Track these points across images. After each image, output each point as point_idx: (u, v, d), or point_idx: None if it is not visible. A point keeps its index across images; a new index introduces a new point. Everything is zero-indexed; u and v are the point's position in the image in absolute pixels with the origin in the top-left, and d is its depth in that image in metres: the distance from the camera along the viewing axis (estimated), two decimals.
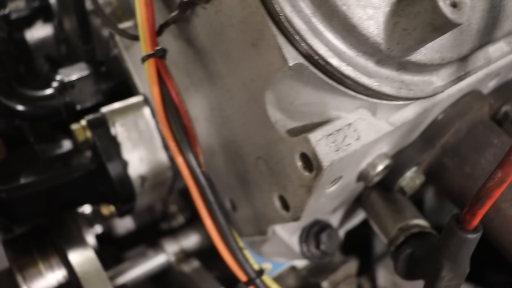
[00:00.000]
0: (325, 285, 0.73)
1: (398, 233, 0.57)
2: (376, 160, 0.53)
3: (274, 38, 0.43)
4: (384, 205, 0.62)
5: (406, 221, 0.58)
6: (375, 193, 0.63)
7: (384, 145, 0.53)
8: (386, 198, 0.62)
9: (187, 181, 0.52)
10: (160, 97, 0.51)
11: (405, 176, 0.58)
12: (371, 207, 0.63)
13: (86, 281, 0.59)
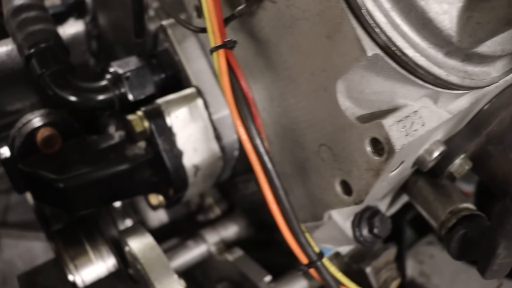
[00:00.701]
0: (368, 270, 0.78)
1: (449, 216, 0.63)
2: (433, 146, 0.59)
3: (353, 31, 0.48)
4: (432, 190, 0.67)
5: (455, 205, 0.64)
6: (421, 180, 0.69)
7: (440, 132, 0.59)
8: (433, 184, 0.67)
9: (255, 167, 0.56)
10: (230, 87, 0.55)
11: (454, 162, 0.63)
12: (418, 193, 0.68)
13: (149, 267, 0.62)
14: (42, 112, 0.72)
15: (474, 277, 1.00)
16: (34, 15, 0.73)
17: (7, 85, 0.77)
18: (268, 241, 0.91)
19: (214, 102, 0.73)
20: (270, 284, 0.77)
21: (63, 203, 0.70)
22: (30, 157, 0.70)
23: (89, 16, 1.01)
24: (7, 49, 0.81)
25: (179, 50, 0.72)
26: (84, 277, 0.75)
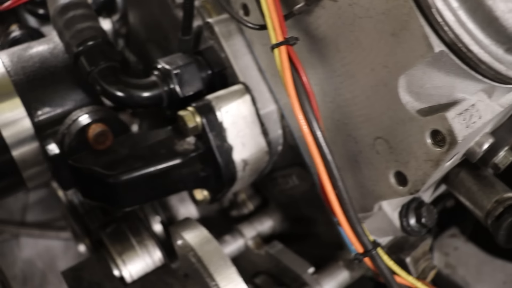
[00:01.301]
0: (408, 260, 0.82)
1: (495, 205, 0.67)
2: (482, 138, 0.62)
3: (421, 28, 0.51)
4: (475, 181, 0.71)
5: (500, 195, 0.68)
6: (463, 171, 0.73)
7: (490, 125, 0.62)
8: (476, 175, 0.71)
9: (316, 159, 0.59)
10: (292, 82, 0.58)
11: (499, 154, 0.67)
12: (461, 184, 0.72)
13: (207, 260, 0.65)
14: (90, 109, 0.74)
15: (498, 269, 1.05)
16: (81, 13, 0.75)
17: (51, 82, 0.79)
18: (303, 235, 0.94)
19: (261, 98, 0.76)
20: (313, 275, 0.81)
21: (113, 199, 0.73)
22: (80, 153, 0.72)
23: (118, 15, 1.03)
24: (48, 47, 0.83)
25: (226, 47, 0.75)
26: (132, 272, 0.77)
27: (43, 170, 0.82)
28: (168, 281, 0.75)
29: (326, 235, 0.86)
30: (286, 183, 0.86)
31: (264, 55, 0.74)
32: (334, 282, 0.81)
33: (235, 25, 0.76)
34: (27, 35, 0.97)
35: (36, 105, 0.78)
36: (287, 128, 0.78)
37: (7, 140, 0.76)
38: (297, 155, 0.79)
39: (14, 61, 0.80)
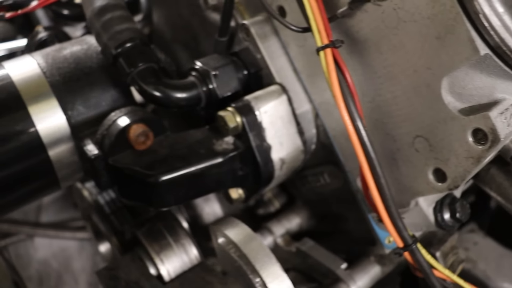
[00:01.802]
0: (438, 254, 0.86)
1: None
2: None
3: (467, 32, 0.55)
4: (506, 177, 0.75)
5: None
6: (494, 168, 0.77)
7: None
8: (507, 172, 0.76)
9: (360, 157, 0.63)
10: (338, 84, 0.62)
11: None
12: (492, 180, 0.77)
13: (253, 257, 0.69)
14: (129, 110, 0.77)
15: None
16: (119, 14, 0.78)
17: (86, 83, 0.82)
18: (330, 232, 0.98)
19: (296, 98, 0.79)
20: (346, 270, 0.85)
21: (152, 199, 0.76)
22: (120, 153, 0.76)
23: (142, 15, 1.06)
24: (82, 48, 0.86)
25: (262, 48, 0.78)
26: (170, 270, 0.80)
27: (76, 170, 0.85)
28: (207, 279, 0.78)
29: (356, 231, 0.90)
30: (317, 181, 0.90)
31: (299, 56, 0.78)
32: (367, 277, 0.85)
33: (270, 27, 0.80)
34: (54, 36, 1.00)
35: (72, 106, 0.81)
36: (321, 127, 0.82)
37: (44, 140, 0.79)
38: (330, 154, 0.83)
39: (49, 62, 0.83)
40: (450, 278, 0.71)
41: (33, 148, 0.78)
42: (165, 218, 0.85)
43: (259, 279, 0.70)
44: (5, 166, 0.77)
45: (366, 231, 0.86)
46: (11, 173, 0.78)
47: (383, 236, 0.83)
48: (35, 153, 0.79)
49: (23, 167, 0.79)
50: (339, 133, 0.78)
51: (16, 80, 0.80)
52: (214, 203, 1.08)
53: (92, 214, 1.08)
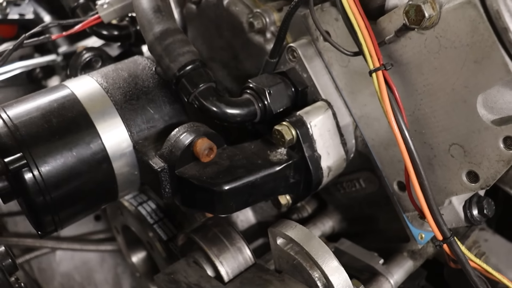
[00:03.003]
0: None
1: None
2: None
3: (502, 58, 0.70)
4: None
5: None
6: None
7: None
8: None
9: (407, 163, 0.77)
10: (389, 102, 0.77)
11: None
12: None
13: (315, 253, 0.82)
14: (192, 126, 0.90)
15: None
16: (179, 38, 0.91)
17: (145, 102, 0.94)
18: (361, 232, 1.12)
19: (339, 112, 0.94)
20: (383, 265, 0.99)
21: (216, 206, 0.89)
22: (185, 166, 0.88)
23: None
24: (137, 68, 0.99)
25: (308, 68, 0.93)
26: (228, 271, 0.93)
27: (134, 182, 0.97)
28: (265, 277, 0.91)
29: (387, 230, 1.05)
30: (352, 186, 1.05)
31: (342, 75, 0.92)
32: (402, 270, 1.00)
33: (314, 49, 0.94)
34: (98, 56, 1.12)
35: (133, 122, 0.93)
36: (359, 137, 0.96)
37: (109, 154, 0.91)
38: (366, 161, 0.97)
39: (110, 82, 0.95)
40: (483, 268, 0.87)
41: (100, 161, 0.90)
42: (219, 224, 0.98)
43: (318, 273, 0.84)
44: (75, 177, 0.88)
45: (398, 230, 1.00)
46: (80, 184, 0.90)
47: (416, 233, 0.98)
48: (102, 165, 0.91)
49: (91, 178, 0.90)
50: (378, 143, 0.93)
51: (82, 99, 0.92)
52: (248, 211, 1.21)
53: (131, 224, 1.20)
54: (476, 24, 0.71)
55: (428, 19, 0.73)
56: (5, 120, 0.87)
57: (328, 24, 0.89)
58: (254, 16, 1.00)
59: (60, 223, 0.93)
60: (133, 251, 1.33)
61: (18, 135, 0.85)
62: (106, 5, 1.13)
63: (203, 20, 1.12)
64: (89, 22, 1.12)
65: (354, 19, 0.79)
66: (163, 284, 0.95)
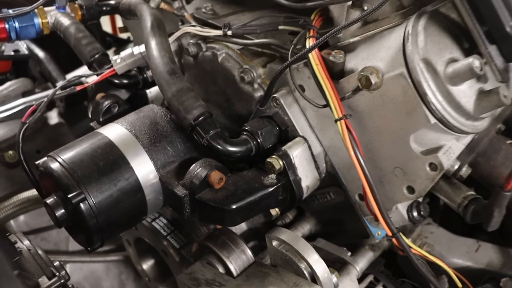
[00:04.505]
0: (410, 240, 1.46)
1: (463, 200, 1.32)
2: (454, 163, 1.28)
3: (424, 111, 1.14)
4: (449, 186, 1.36)
5: (465, 193, 1.34)
6: (441, 180, 1.37)
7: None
8: (449, 183, 1.37)
9: (363, 182, 1.20)
10: (349, 141, 1.19)
11: (462, 169, 1.33)
12: (441, 188, 1.37)
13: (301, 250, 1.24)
14: (205, 161, 1.29)
15: (462, 243, 1.73)
16: (191, 95, 1.30)
17: (166, 143, 1.32)
18: (332, 232, 1.56)
19: (313, 144, 1.35)
20: (351, 257, 1.43)
21: (226, 220, 1.29)
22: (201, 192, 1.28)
23: None
24: (156, 115, 1.37)
25: (289, 113, 1.34)
26: (236, 268, 1.34)
27: (158, 205, 1.36)
28: (264, 270, 1.33)
29: (353, 230, 1.49)
30: (324, 198, 1.47)
31: (314, 117, 1.34)
32: (365, 260, 1.44)
33: (292, 97, 1.35)
34: (115, 102, 1.50)
35: (157, 159, 1.31)
36: (329, 162, 1.39)
37: (142, 185, 1.29)
38: (334, 179, 1.40)
39: (137, 128, 1.33)
40: (421, 253, 1.31)
41: (135, 191, 1.28)
42: (225, 232, 1.39)
43: (304, 265, 1.26)
44: (118, 204, 1.26)
45: (360, 229, 1.43)
46: (122, 209, 1.27)
47: (374, 231, 1.41)
48: (137, 194, 1.28)
49: (129, 205, 1.28)
50: (342, 166, 1.36)
51: (119, 145, 1.29)
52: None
53: (146, 237, 1.59)
54: (406, 89, 1.14)
55: (374, 85, 1.15)
56: (63, 164, 1.24)
57: (302, 80, 1.31)
58: (244, 71, 1.40)
59: (104, 240, 1.31)
60: (143, 260, 1.72)
61: (76, 176, 1.22)
62: (119, 60, 1.50)
63: (199, 70, 1.52)
64: (106, 74, 1.50)
65: (322, 80, 1.21)
66: (186, 282, 1.34)
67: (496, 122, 1.44)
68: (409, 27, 1.14)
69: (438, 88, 1.11)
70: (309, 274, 1.26)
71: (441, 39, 1.15)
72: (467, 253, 1.70)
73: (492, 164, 1.36)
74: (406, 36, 1.14)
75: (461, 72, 1.09)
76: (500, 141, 1.38)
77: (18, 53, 2.06)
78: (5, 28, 1.59)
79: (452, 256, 1.69)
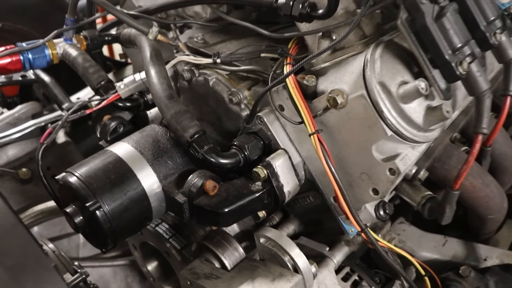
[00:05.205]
0: (379, 235, 1.74)
1: (422, 199, 1.61)
2: (411, 167, 1.57)
3: (381, 125, 1.42)
4: (410, 187, 1.65)
5: (423, 193, 1.62)
6: (403, 183, 1.66)
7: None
8: (410, 185, 1.66)
9: (334, 187, 1.49)
10: (321, 152, 1.48)
11: (421, 173, 1.62)
12: (403, 189, 1.66)
13: (285, 245, 1.52)
14: (201, 172, 1.57)
15: (430, 239, 2.02)
16: (187, 116, 1.58)
17: (167, 157, 1.61)
18: (313, 231, 1.84)
19: (292, 155, 1.64)
20: (329, 251, 1.71)
21: (220, 222, 1.57)
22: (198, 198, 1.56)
23: None
24: (157, 134, 1.65)
25: (271, 129, 1.62)
26: (230, 263, 1.62)
27: (161, 211, 1.64)
28: (254, 264, 1.61)
29: (330, 228, 1.77)
30: (305, 201, 1.76)
31: (292, 132, 1.63)
32: (341, 253, 1.72)
33: (274, 115, 1.64)
34: (120, 123, 1.78)
35: (160, 171, 1.59)
36: (307, 170, 1.67)
37: (147, 194, 1.57)
38: (312, 184, 1.68)
39: (141, 145, 1.61)
40: (387, 245, 1.60)
41: (142, 199, 1.56)
42: (220, 233, 1.67)
43: (288, 258, 1.55)
44: (128, 211, 1.54)
45: (337, 227, 1.72)
46: (131, 215, 1.56)
47: (348, 228, 1.70)
48: (144, 202, 1.56)
49: (137, 211, 1.56)
50: (318, 173, 1.64)
51: (126, 160, 1.57)
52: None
53: (151, 241, 1.87)
54: (366, 107, 1.43)
55: (340, 104, 1.44)
56: (80, 178, 1.53)
57: (281, 101, 1.59)
58: (232, 94, 1.69)
59: (117, 242, 1.59)
60: (148, 262, 2.00)
61: (92, 188, 1.50)
62: (123, 85, 1.79)
63: (193, 93, 1.81)
64: (111, 99, 1.78)
65: (297, 101, 1.50)
66: (188, 276, 1.62)
67: (452, 131, 1.74)
68: (368, 55, 1.43)
69: (392, 106, 1.40)
70: (292, 265, 1.54)
71: (394, 65, 1.43)
72: (435, 247, 1.99)
73: (446, 168, 1.65)
74: (365, 63, 1.43)
75: (410, 92, 1.38)
76: (453, 148, 1.68)
77: (26, 78, 2.35)
78: (20, 60, 1.87)
79: (421, 250, 1.98)
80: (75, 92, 2.61)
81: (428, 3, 1.34)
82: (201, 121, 1.81)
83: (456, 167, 1.63)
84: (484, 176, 1.72)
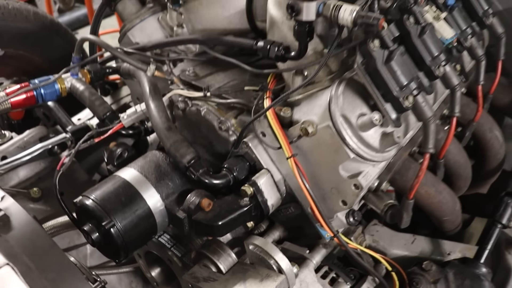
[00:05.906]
0: (352, 238, 2.16)
1: (384, 207, 2.03)
2: (373, 181, 1.99)
3: (345, 150, 1.84)
4: (375, 197, 2.07)
5: (386, 202, 2.04)
6: (369, 194, 2.09)
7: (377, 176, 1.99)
8: (375, 195, 2.08)
9: (308, 198, 1.91)
10: (298, 174, 1.90)
11: (383, 184, 2.05)
12: (370, 199, 2.08)
13: (270, 251, 1.94)
14: (198, 192, 1.98)
15: (401, 238, 2.45)
16: (184, 145, 1.98)
17: (168, 180, 2.01)
18: (295, 237, 2.26)
19: (274, 174, 2.04)
20: (308, 253, 2.14)
21: (215, 233, 1.99)
22: (196, 214, 1.97)
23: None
24: (158, 160, 2.06)
25: (256, 152, 2.03)
26: (225, 267, 2.04)
27: (164, 225, 2.05)
28: (245, 267, 2.02)
29: (310, 233, 2.19)
30: (287, 211, 2.17)
31: (274, 154, 2.03)
32: (320, 255, 2.14)
33: (258, 140, 2.05)
34: (125, 149, 2.19)
35: (162, 192, 2.00)
36: (287, 185, 2.09)
37: (153, 211, 1.98)
38: (292, 197, 2.10)
39: (146, 170, 2.02)
40: (357, 247, 2.02)
41: (149, 217, 1.96)
42: (215, 242, 2.09)
43: (273, 261, 1.97)
44: (137, 228, 1.95)
45: (315, 233, 2.14)
46: (139, 231, 1.97)
47: (324, 233, 2.11)
48: (150, 219, 1.97)
49: (144, 227, 1.97)
50: (297, 188, 2.06)
51: (133, 184, 1.98)
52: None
53: (154, 250, 2.29)
54: (332, 135, 1.83)
55: (311, 133, 1.84)
56: (95, 200, 1.94)
57: (263, 128, 2.00)
58: (221, 122, 2.10)
59: (128, 254, 2.00)
60: (151, 268, 2.42)
61: (106, 209, 1.91)
62: (126, 116, 2.20)
63: (187, 120, 2.22)
64: (116, 128, 2.19)
65: (276, 129, 1.92)
66: (189, 280, 2.03)
67: (411, 146, 2.17)
68: (332, 92, 1.84)
69: (353, 134, 1.81)
70: (276, 267, 1.96)
71: (354, 100, 1.85)
72: (405, 245, 2.42)
73: (404, 179, 2.07)
74: (330, 98, 1.84)
75: (367, 123, 1.79)
76: (410, 162, 2.10)
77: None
78: (34, 95, 2.27)
79: (392, 248, 2.41)
80: (74, 110, 3.01)
81: (378, 49, 1.75)
82: (195, 144, 2.23)
83: (412, 178, 2.04)
84: (437, 184, 2.14)
